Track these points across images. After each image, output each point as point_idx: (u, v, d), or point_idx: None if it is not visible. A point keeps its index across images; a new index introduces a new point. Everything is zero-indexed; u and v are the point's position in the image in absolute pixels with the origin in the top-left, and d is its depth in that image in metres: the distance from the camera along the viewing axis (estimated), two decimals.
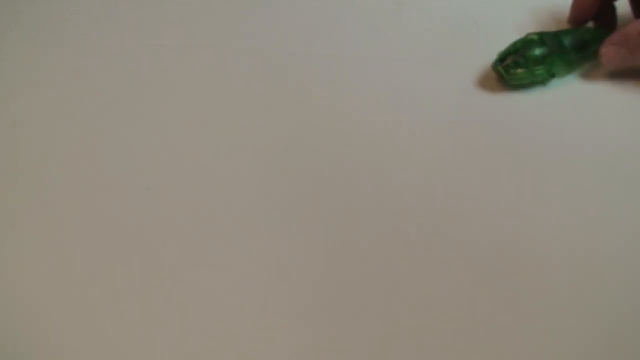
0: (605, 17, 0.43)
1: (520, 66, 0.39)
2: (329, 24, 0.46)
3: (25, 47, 0.44)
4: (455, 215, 0.34)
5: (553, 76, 0.40)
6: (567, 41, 0.39)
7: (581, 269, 0.32)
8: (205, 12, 0.47)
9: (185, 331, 0.30)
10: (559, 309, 0.31)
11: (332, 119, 0.39)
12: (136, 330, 0.30)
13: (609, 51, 0.39)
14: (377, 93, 0.41)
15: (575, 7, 0.43)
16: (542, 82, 0.40)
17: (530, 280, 0.31)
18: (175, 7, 0.47)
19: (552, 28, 0.41)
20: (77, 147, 0.38)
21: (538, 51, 0.39)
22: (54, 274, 0.32)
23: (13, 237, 0.33)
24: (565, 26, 0.43)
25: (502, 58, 0.40)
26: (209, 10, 0.47)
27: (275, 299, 0.31)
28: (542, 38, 0.40)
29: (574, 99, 0.40)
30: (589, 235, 0.33)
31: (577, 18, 0.43)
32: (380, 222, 0.34)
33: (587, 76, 0.41)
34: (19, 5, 0.47)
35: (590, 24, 0.43)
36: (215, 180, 0.36)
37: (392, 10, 0.47)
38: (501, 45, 0.41)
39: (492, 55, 0.41)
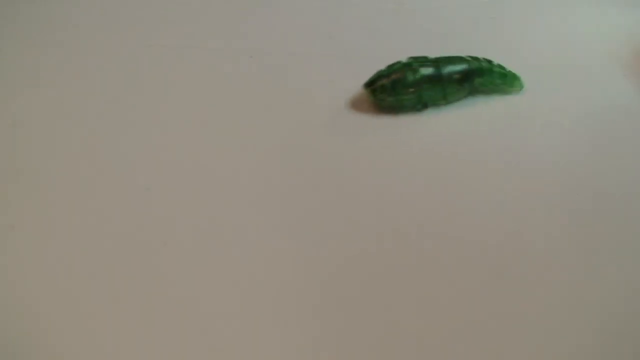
0: None
1: (387, 91, 0.37)
2: (329, 24, 0.46)
3: (25, 47, 0.44)
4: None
5: (425, 105, 0.38)
6: (446, 69, 0.37)
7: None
8: (206, 12, 0.47)
9: (185, 332, 0.30)
10: (558, 310, 0.31)
11: (332, 118, 0.39)
12: (136, 330, 0.30)
13: None
14: None
15: None
16: (414, 109, 0.38)
17: None
18: (175, 7, 0.47)
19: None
20: (77, 147, 0.38)
21: (411, 77, 0.37)
22: (53, 274, 0.32)
23: (13, 237, 0.33)
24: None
25: (375, 79, 0.38)
26: (209, 10, 0.47)
27: (276, 300, 0.31)
28: (418, 63, 0.37)
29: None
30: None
31: None
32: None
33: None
34: (19, 5, 0.47)
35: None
36: (216, 180, 0.36)
37: (392, 10, 0.47)
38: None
39: None
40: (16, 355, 0.29)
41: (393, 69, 0.37)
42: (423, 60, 0.37)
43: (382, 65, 0.38)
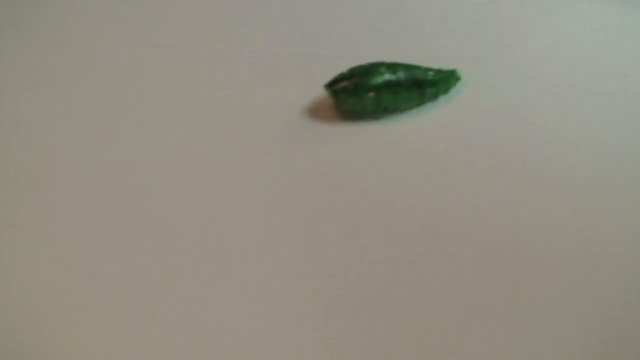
0: None
1: (350, 92, 0.37)
2: (329, 24, 0.46)
3: (25, 47, 0.44)
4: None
5: (385, 109, 0.38)
6: (404, 76, 0.38)
7: None
8: (206, 12, 0.47)
9: (185, 334, 0.30)
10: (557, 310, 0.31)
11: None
12: (136, 330, 0.30)
13: None
14: None
15: None
16: (374, 114, 0.39)
17: None
18: (175, 7, 0.47)
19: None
20: (77, 147, 0.38)
21: (373, 80, 0.37)
22: (53, 274, 0.32)
23: (13, 237, 0.33)
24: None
25: (336, 80, 0.38)
26: (209, 11, 0.47)
27: (278, 301, 0.31)
28: (379, 68, 0.38)
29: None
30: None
31: None
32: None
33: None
34: (19, 5, 0.47)
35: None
36: (216, 179, 0.36)
37: (392, 10, 0.47)
38: None
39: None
40: (16, 355, 0.29)
41: (354, 72, 0.38)
42: (383, 66, 0.38)
43: (342, 69, 0.38)
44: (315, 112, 0.39)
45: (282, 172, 0.37)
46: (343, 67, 0.38)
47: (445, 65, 0.40)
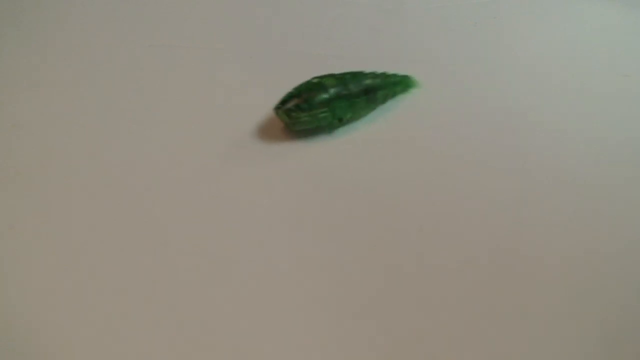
0: None
1: (302, 110, 0.36)
2: (329, 24, 0.46)
3: (25, 47, 0.44)
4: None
5: (340, 120, 0.38)
6: (352, 85, 0.38)
7: None
8: (206, 12, 0.47)
9: (186, 334, 0.30)
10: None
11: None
12: (136, 331, 0.30)
13: None
14: None
15: None
16: (328, 127, 0.38)
17: None
18: (176, 7, 0.47)
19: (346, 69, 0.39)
20: (77, 147, 0.38)
21: (323, 94, 0.37)
22: (53, 274, 0.32)
23: (13, 237, 0.33)
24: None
25: (285, 100, 0.37)
26: (209, 11, 0.47)
27: (281, 302, 0.31)
28: (327, 81, 0.37)
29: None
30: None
31: None
32: None
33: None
34: (19, 5, 0.47)
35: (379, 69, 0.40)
36: (216, 180, 0.36)
37: (392, 10, 0.47)
38: None
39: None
40: (16, 355, 0.29)
41: (302, 88, 0.37)
42: (330, 78, 0.37)
43: (342, 69, 0.38)
44: (266, 131, 0.38)
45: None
46: (343, 67, 0.39)
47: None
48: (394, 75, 0.40)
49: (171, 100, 0.41)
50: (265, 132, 0.38)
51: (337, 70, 0.38)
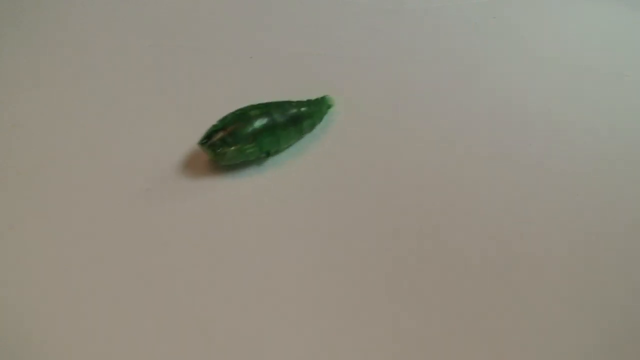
0: None
1: (228, 144, 0.35)
2: (329, 24, 0.46)
3: (25, 47, 0.44)
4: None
5: (268, 154, 0.36)
6: (277, 115, 0.36)
7: None
8: (206, 12, 0.47)
9: (183, 334, 0.30)
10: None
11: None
12: (136, 331, 0.30)
13: None
14: (376, 92, 0.41)
15: None
16: (256, 160, 0.37)
17: None
18: (176, 7, 0.47)
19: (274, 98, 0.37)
20: (77, 147, 0.38)
21: (249, 127, 0.35)
22: (53, 274, 0.32)
23: (13, 237, 0.33)
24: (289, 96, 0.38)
25: (210, 134, 0.35)
26: (209, 11, 0.47)
27: (284, 304, 0.31)
28: (251, 112, 0.36)
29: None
30: None
31: None
32: None
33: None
34: (19, 5, 0.47)
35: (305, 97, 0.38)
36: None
37: (392, 10, 0.47)
38: None
39: None
40: (16, 355, 0.29)
41: (227, 120, 0.35)
42: (254, 109, 0.36)
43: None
44: (191, 165, 0.37)
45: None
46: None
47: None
48: (317, 100, 0.38)
49: (170, 102, 0.41)
50: (191, 166, 0.36)
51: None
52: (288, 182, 0.36)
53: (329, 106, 0.39)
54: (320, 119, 0.39)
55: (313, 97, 0.38)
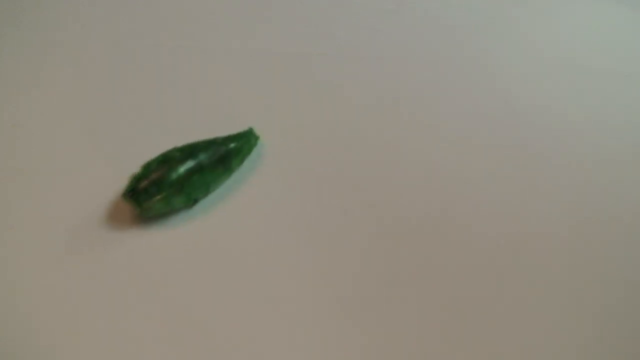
0: None
1: (152, 194, 0.32)
2: (329, 24, 0.46)
3: (25, 47, 0.44)
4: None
5: (195, 201, 0.34)
6: (204, 156, 0.34)
7: None
8: (206, 12, 0.47)
9: (171, 329, 0.30)
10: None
11: (331, 118, 0.39)
12: (136, 331, 0.30)
13: None
14: (375, 93, 0.41)
15: None
16: (185, 207, 0.34)
17: None
18: (176, 7, 0.47)
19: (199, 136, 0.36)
20: (77, 147, 0.38)
21: (173, 174, 0.32)
22: (53, 274, 0.32)
23: (13, 237, 0.33)
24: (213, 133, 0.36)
25: (133, 186, 0.32)
26: (209, 11, 0.47)
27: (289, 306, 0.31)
28: (173, 155, 0.33)
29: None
30: None
31: None
32: None
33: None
34: (19, 5, 0.47)
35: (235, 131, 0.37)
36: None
37: (392, 10, 0.47)
38: None
39: None
40: (16, 355, 0.29)
41: (150, 167, 0.33)
42: (177, 151, 0.33)
43: (341, 69, 0.37)
44: (114, 216, 0.34)
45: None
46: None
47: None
48: (244, 133, 0.36)
49: (169, 100, 0.41)
50: (114, 218, 0.34)
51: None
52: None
53: (257, 137, 0.37)
54: (250, 152, 0.36)
55: (236, 131, 0.36)
